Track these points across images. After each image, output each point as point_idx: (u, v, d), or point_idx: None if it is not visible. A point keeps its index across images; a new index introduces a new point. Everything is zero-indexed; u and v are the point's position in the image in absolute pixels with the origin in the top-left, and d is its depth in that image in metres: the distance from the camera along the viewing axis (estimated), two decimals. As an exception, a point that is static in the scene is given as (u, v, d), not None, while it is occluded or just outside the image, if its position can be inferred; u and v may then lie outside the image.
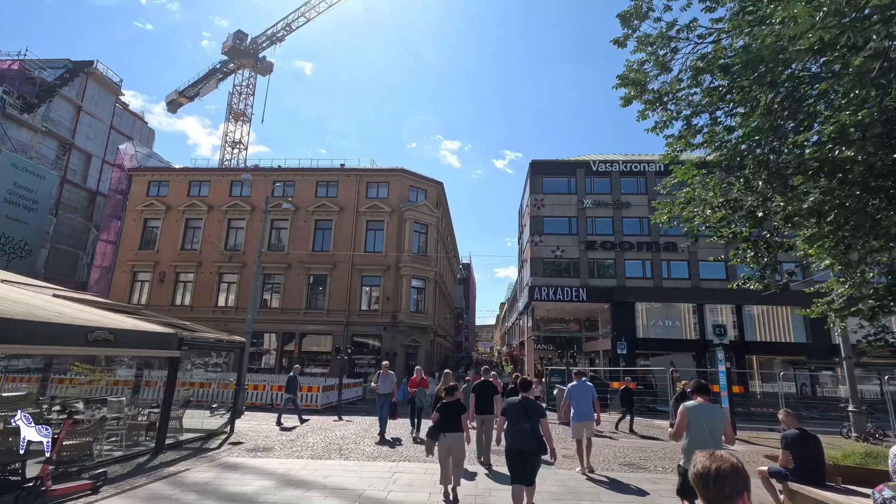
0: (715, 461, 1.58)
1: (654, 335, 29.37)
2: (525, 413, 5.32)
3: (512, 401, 5.57)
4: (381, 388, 11.84)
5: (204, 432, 11.01)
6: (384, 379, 11.95)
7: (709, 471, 1.56)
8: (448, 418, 6.30)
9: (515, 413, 5.38)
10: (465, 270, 64.44)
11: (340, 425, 13.76)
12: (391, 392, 11.85)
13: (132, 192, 33.29)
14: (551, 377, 20.92)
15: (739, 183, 7.54)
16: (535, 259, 31.13)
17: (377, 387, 11.89)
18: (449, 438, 6.24)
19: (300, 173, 32.76)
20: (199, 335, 9.97)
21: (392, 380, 12.05)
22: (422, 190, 33.09)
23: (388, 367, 12.41)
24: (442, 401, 6.59)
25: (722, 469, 1.55)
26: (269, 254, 31.11)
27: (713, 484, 1.54)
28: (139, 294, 31.68)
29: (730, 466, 1.56)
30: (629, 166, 31.95)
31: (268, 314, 30.14)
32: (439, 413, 6.34)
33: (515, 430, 5.29)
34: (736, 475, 1.55)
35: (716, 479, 1.54)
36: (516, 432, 5.28)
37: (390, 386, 11.90)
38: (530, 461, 5.24)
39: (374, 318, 29.57)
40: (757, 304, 28.84)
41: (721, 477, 1.54)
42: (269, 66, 60.79)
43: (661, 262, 30.26)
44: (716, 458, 1.59)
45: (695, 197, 8.33)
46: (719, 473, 1.55)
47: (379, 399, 11.77)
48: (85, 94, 41.86)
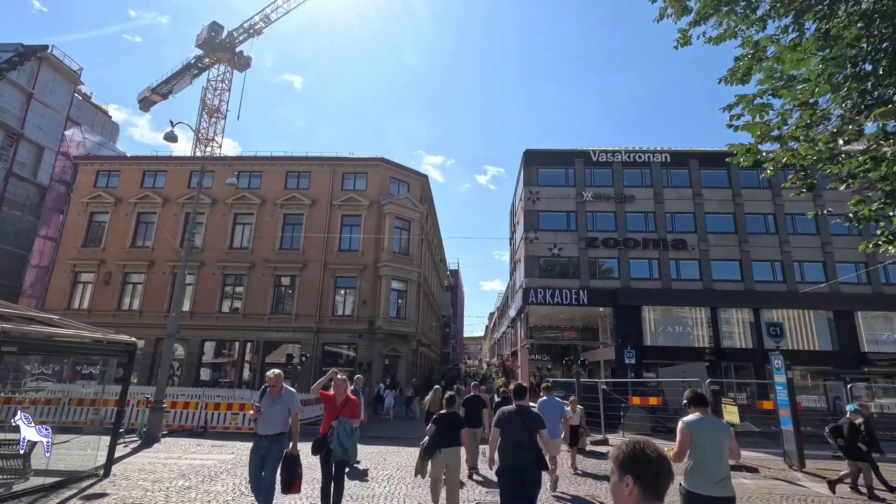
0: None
1: (662, 343, 26.26)
2: (523, 424, 4.64)
3: (507, 410, 4.80)
4: (262, 423, 5.76)
5: (65, 475, 7.50)
6: (272, 404, 5.81)
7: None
8: (446, 432, 5.79)
9: (511, 424, 4.67)
10: (453, 277, 61.10)
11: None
12: (284, 432, 5.87)
13: (77, 183, 29.57)
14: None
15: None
16: (529, 258, 27.94)
17: (257, 415, 5.74)
18: (446, 454, 5.73)
19: (268, 162, 29.36)
20: (39, 330, 6.50)
21: (291, 405, 5.92)
22: (404, 183, 29.87)
23: (343, 382, 6.28)
24: (439, 413, 6.07)
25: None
26: (231, 252, 27.63)
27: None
28: (81, 297, 27.79)
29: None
30: (633, 157, 29.10)
31: (227, 320, 26.50)
32: (436, 426, 5.82)
33: (512, 444, 4.60)
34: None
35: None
36: (513, 446, 4.59)
37: (284, 418, 5.84)
38: (529, 478, 4.51)
39: (349, 325, 26.05)
40: (777, 309, 25.91)
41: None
42: (246, 61, 57.59)
43: (670, 261, 27.27)
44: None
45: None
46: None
47: (256, 446, 5.78)
48: (37, 81, 38.22)
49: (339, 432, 5.68)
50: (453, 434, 5.77)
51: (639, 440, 1.64)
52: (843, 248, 26.95)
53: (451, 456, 5.74)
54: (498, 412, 4.86)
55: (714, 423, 4.20)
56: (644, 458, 1.57)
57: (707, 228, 27.63)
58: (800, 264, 26.91)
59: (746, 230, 27.53)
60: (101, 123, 44.58)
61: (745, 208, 27.92)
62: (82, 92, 44.10)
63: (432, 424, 5.86)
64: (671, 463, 1.62)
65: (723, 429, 4.15)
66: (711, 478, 3.92)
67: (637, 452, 1.59)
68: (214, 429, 13.62)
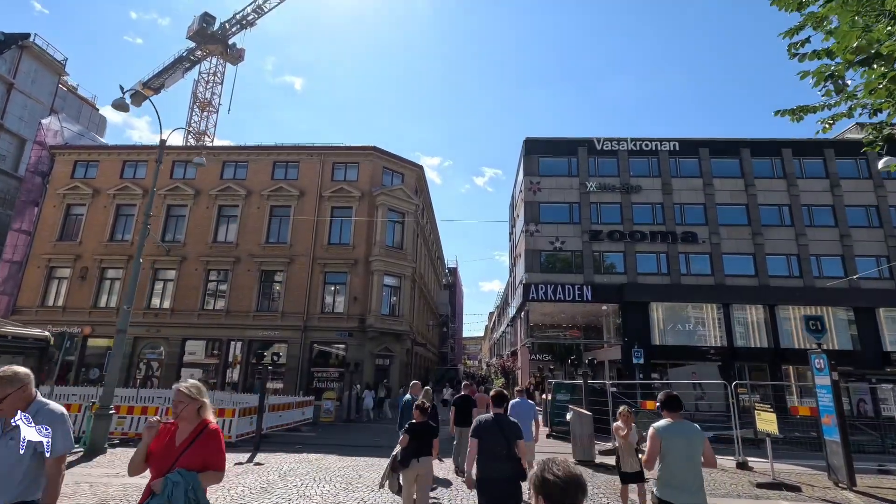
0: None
1: (672, 341, 24.72)
2: (501, 433, 4.29)
3: (484, 419, 4.45)
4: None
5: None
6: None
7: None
8: (420, 442, 5.44)
9: (489, 433, 4.32)
10: (452, 275, 59.51)
11: (241, 472, 8.75)
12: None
13: (54, 174, 28.10)
14: (556, 393, 16.02)
15: None
16: (530, 251, 26.39)
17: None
18: (421, 464, 5.42)
19: (254, 152, 27.83)
20: None
21: (48, 438, 2.68)
22: (398, 173, 28.36)
23: (186, 401, 3.01)
24: (411, 422, 5.67)
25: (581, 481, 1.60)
26: (215, 246, 26.15)
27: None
28: (55, 294, 26.28)
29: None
30: (639, 145, 27.52)
31: (210, 317, 24.99)
32: (409, 435, 5.44)
33: (490, 455, 4.25)
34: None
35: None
36: (490, 457, 4.25)
37: (24, 469, 2.67)
38: (508, 491, 4.13)
39: (339, 322, 24.53)
40: (794, 305, 24.34)
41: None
42: (239, 53, 56.17)
43: (679, 254, 25.71)
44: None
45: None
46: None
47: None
48: (18, 71, 36.73)
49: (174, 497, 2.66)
50: (426, 443, 5.50)
51: (548, 461, 1.65)
52: (864, 242, 25.41)
53: (423, 465, 5.46)
54: (475, 421, 4.53)
55: (687, 428, 3.97)
56: (550, 480, 1.58)
57: (718, 220, 26.06)
58: (817, 258, 25.35)
59: (760, 222, 25.95)
60: (87, 116, 43.07)
61: (758, 199, 26.34)
62: (67, 83, 42.62)
63: (405, 434, 5.48)
64: (579, 480, 1.60)
65: (696, 434, 3.92)
66: (684, 486, 3.79)
67: (545, 473, 1.60)
68: (175, 437, 12.08)
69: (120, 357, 11.12)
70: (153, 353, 25.45)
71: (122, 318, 11.18)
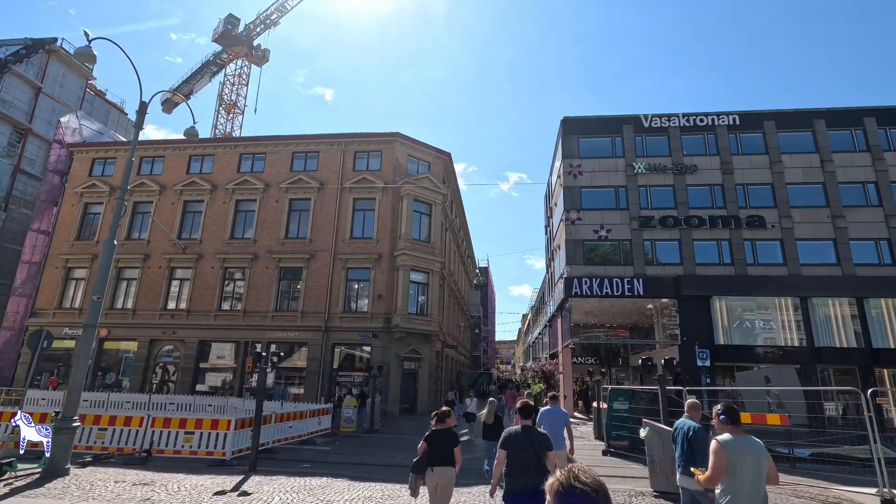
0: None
1: (738, 341, 21.56)
2: (530, 445, 4.20)
3: (513, 430, 4.42)
4: None
5: None
6: None
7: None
8: (437, 449, 5.20)
9: (518, 445, 4.24)
10: (483, 275, 56.96)
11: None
12: None
13: (72, 172, 27.40)
14: (613, 401, 13.37)
15: None
16: (571, 242, 23.71)
17: None
18: (437, 473, 5.16)
19: (272, 143, 26.29)
20: None
21: None
22: (424, 161, 26.25)
23: None
24: (432, 429, 5.40)
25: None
26: (232, 242, 24.70)
27: None
28: (73, 295, 25.36)
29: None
30: (693, 121, 24.48)
31: (226, 318, 23.46)
32: (427, 443, 5.25)
33: (519, 467, 4.15)
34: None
35: None
36: (520, 469, 4.14)
37: None
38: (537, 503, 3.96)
39: (362, 322, 22.54)
40: (886, 298, 20.80)
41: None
42: (263, 54, 55.89)
43: (744, 242, 22.52)
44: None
45: None
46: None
47: None
48: (46, 75, 36.75)
49: None
50: (445, 453, 5.18)
51: (573, 468, 1.47)
52: (970, 222, 21.60)
53: (442, 476, 5.15)
54: (504, 433, 4.44)
55: (753, 444, 3.70)
56: (578, 489, 1.40)
57: (790, 202, 22.72)
58: None
59: (841, 203, 22.46)
60: (115, 120, 43.08)
61: (837, 176, 22.86)
62: (95, 88, 42.76)
63: (423, 442, 5.29)
64: (606, 491, 1.42)
65: (762, 451, 3.66)
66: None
67: (572, 481, 1.42)
68: (162, 452, 10.17)
69: (87, 357, 9.29)
70: (169, 357, 24.14)
71: (91, 312, 9.40)
